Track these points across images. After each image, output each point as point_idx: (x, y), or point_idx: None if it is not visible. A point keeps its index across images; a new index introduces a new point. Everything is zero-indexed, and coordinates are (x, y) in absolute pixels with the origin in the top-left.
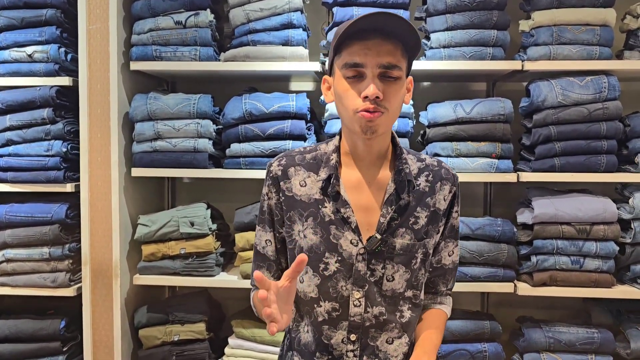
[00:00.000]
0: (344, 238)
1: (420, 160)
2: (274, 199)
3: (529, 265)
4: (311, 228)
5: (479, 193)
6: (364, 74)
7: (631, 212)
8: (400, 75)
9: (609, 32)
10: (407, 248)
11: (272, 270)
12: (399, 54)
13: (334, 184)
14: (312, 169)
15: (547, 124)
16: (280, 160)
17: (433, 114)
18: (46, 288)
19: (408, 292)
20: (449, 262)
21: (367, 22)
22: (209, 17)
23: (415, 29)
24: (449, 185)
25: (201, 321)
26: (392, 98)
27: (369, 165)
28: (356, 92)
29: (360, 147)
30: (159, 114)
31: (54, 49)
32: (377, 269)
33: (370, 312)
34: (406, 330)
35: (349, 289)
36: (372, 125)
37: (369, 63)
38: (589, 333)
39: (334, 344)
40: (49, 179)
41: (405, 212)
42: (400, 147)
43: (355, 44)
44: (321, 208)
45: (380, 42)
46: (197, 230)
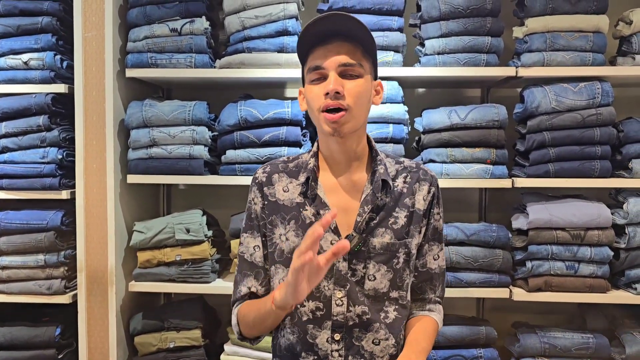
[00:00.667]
0: (324, 239)
1: (398, 163)
2: (260, 204)
3: (524, 271)
4: (293, 230)
5: (474, 199)
6: (327, 75)
7: (625, 217)
8: (361, 73)
9: (602, 38)
10: (388, 247)
11: (259, 279)
12: (359, 54)
13: (313, 187)
14: (293, 175)
15: (541, 129)
16: (265, 168)
17: (428, 120)
18: (41, 295)
19: (393, 292)
20: (434, 266)
21: (326, 25)
22: (204, 25)
23: (368, 29)
24: (427, 186)
25: (197, 328)
26: (354, 94)
27: (345, 168)
28: (319, 91)
29: (334, 149)
30: (154, 121)
31: (49, 56)
32: (359, 268)
33: (353, 311)
34: (392, 332)
35: (331, 288)
36: (337, 126)
37: (329, 65)
38: (584, 338)
39: (319, 343)
40: (44, 186)
41: (383, 212)
42: (375, 149)
43: (318, 49)
44: (302, 211)
45: (339, 43)
46: (192, 237)
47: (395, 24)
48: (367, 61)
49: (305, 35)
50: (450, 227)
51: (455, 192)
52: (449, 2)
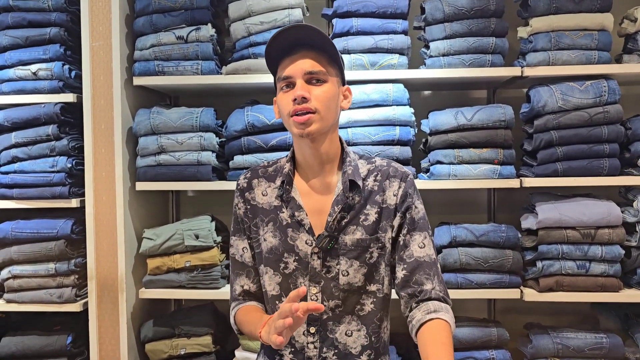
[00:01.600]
0: (299, 239)
1: (370, 163)
2: (242, 208)
3: (535, 271)
4: (271, 232)
5: (483, 199)
6: (295, 83)
7: (636, 215)
8: (326, 78)
9: (607, 36)
10: (359, 243)
11: (251, 277)
12: (324, 61)
13: (288, 190)
14: (271, 179)
15: (548, 129)
16: (246, 174)
17: (434, 122)
18: (52, 304)
19: (370, 286)
20: (422, 254)
21: (290, 37)
22: (210, 32)
23: (328, 38)
24: (397, 182)
25: (207, 334)
26: (320, 98)
27: (319, 171)
28: (288, 98)
29: (307, 153)
30: (162, 128)
31: (58, 66)
32: (332, 265)
33: (327, 305)
34: (364, 323)
35: (307, 285)
36: (304, 128)
37: (295, 73)
38: (598, 338)
39: (296, 336)
40: (54, 194)
41: (354, 211)
42: (346, 151)
43: (285, 60)
44: (279, 213)
45: (304, 53)
46: (201, 243)
47: (399, 26)
48: (332, 68)
49: (272, 47)
50: (460, 229)
51: (464, 193)
52: (452, 4)
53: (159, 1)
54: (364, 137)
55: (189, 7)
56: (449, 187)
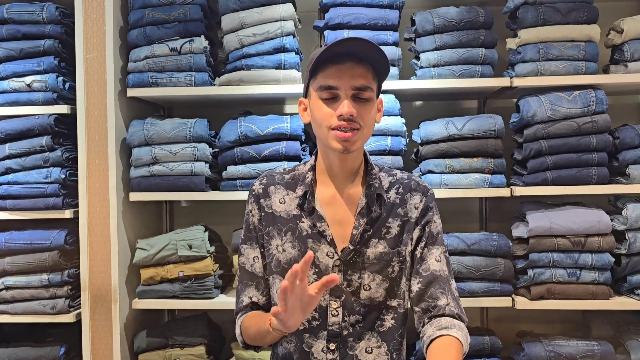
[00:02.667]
0: (320, 251)
1: (391, 176)
2: (257, 215)
3: (526, 279)
4: (290, 242)
5: (474, 208)
6: (338, 95)
7: (625, 223)
8: (371, 96)
9: (594, 47)
10: (381, 257)
11: (260, 288)
12: (370, 76)
13: (310, 200)
14: (290, 187)
15: (538, 138)
16: (261, 180)
17: (425, 132)
18: (45, 315)
19: (392, 301)
20: (438, 268)
21: (341, 47)
22: (203, 44)
23: (384, 54)
24: (419, 195)
25: (201, 344)
26: (365, 116)
27: (342, 182)
28: (331, 111)
29: (335, 164)
30: (155, 139)
31: (52, 78)
32: (354, 279)
33: (348, 320)
34: (385, 340)
35: (327, 299)
36: (348, 145)
37: (342, 86)
38: (589, 345)
39: (315, 352)
40: (47, 205)
41: (377, 224)
42: (371, 164)
43: (330, 67)
44: (299, 223)
45: (352, 65)
46: (195, 253)
47: (390, 38)
48: (375, 82)
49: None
50: (451, 237)
51: (455, 202)
52: (442, 16)
53: (152, 14)
54: None
55: (183, 20)
56: (440, 196)
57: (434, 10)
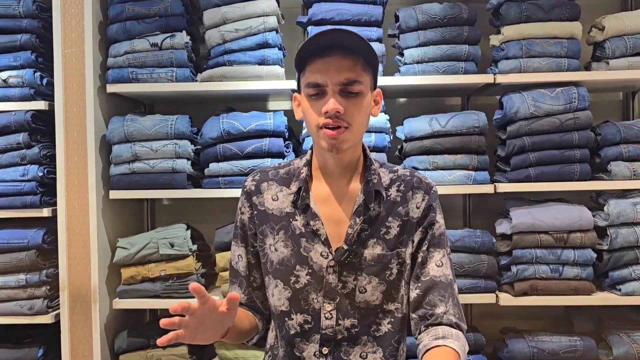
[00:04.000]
0: (314, 250)
1: (392, 172)
2: (247, 213)
3: (510, 275)
4: (282, 241)
5: (458, 205)
6: (325, 91)
7: (606, 219)
8: (361, 89)
9: (576, 44)
10: (379, 259)
11: (243, 287)
12: (359, 68)
13: (304, 197)
14: (284, 183)
15: (521, 134)
16: (254, 176)
17: (409, 129)
18: (23, 316)
19: (389, 305)
20: (438, 273)
21: (327, 38)
22: (185, 39)
23: (370, 45)
24: (421, 194)
25: (183, 344)
26: (354, 112)
27: (339, 178)
28: (318, 108)
29: (330, 161)
30: (136, 136)
31: (29, 73)
32: (349, 280)
33: (342, 324)
34: (380, 345)
35: (320, 301)
36: (336, 143)
37: (329, 81)
38: (572, 341)
39: (306, 356)
40: (25, 204)
41: (375, 223)
42: (370, 159)
43: (317, 61)
44: (292, 221)
45: (340, 58)
46: (177, 252)
47: (374, 34)
48: (367, 74)
49: (306, 50)
50: None
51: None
52: (426, 12)
53: (132, 8)
54: None
55: (164, 15)
56: None
57: (417, 7)
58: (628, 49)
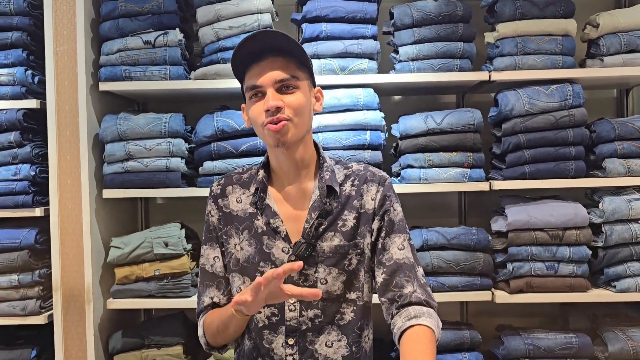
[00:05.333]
0: (275, 247)
1: (347, 168)
2: (215, 216)
3: (505, 273)
4: (247, 240)
5: (454, 203)
6: (264, 91)
7: (601, 216)
8: (297, 84)
9: (570, 41)
10: (337, 250)
11: (221, 288)
12: (292, 66)
13: (262, 197)
14: (246, 186)
15: (516, 132)
16: (220, 181)
17: (404, 126)
18: (16, 316)
19: (350, 294)
20: (401, 256)
21: (258, 44)
22: (178, 36)
23: (296, 42)
24: (375, 186)
25: (178, 344)
26: (293, 104)
27: (295, 177)
28: (260, 108)
29: (282, 159)
30: (129, 134)
31: (20, 71)
32: (310, 273)
33: (306, 315)
34: (345, 333)
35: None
36: (280, 137)
37: (265, 82)
38: (567, 338)
39: (274, 347)
40: (17, 203)
41: (332, 217)
42: (323, 156)
43: (253, 67)
44: (254, 221)
45: (272, 59)
46: (171, 251)
47: (368, 31)
48: (302, 72)
49: (238, 55)
50: (431, 232)
51: (435, 196)
52: (420, 9)
53: (125, 5)
54: (334, 141)
55: (157, 12)
56: (420, 190)
57: (412, 4)
58: (622, 46)
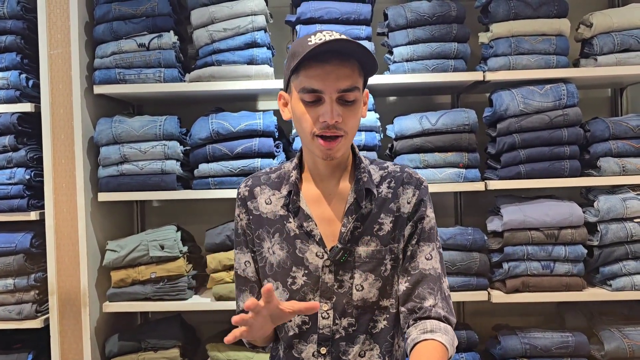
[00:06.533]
0: (309, 251)
1: (382, 169)
2: (245, 219)
3: (501, 273)
4: (278, 244)
5: (450, 203)
6: (322, 98)
7: (596, 215)
8: (357, 97)
9: (564, 41)
10: (373, 255)
11: (255, 292)
12: (356, 75)
13: (295, 200)
14: (276, 187)
15: (511, 132)
16: (247, 182)
17: (399, 127)
18: (11, 321)
19: (384, 301)
20: (428, 266)
21: (326, 46)
22: (173, 39)
23: (371, 52)
24: (411, 189)
25: (175, 347)
26: (350, 121)
27: (329, 179)
28: (314, 115)
29: (320, 164)
30: (124, 137)
31: (14, 75)
32: (345, 279)
33: (339, 323)
34: (377, 342)
35: (317, 301)
36: (331, 153)
37: (327, 89)
38: (564, 337)
39: (305, 357)
40: (12, 207)
41: (368, 220)
42: (359, 157)
43: (314, 66)
44: (286, 224)
45: (338, 65)
46: (167, 254)
47: (363, 32)
48: (361, 78)
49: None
50: None
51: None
52: (414, 10)
53: (119, 8)
54: None
55: (151, 14)
56: None
57: (406, 5)
58: (616, 45)
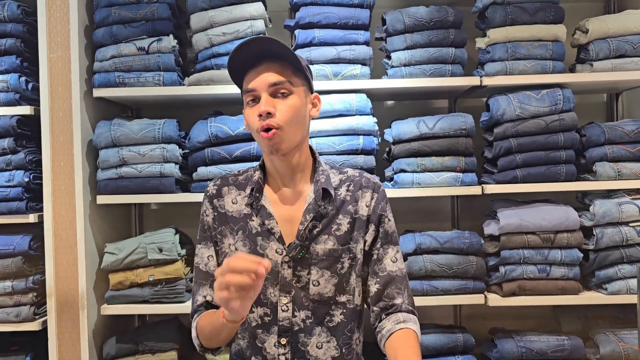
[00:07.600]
0: (269, 248)
1: (342, 173)
2: (210, 215)
3: (498, 276)
4: (241, 240)
5: (446, 207)
6: (259, 97)
7: (592, 219)
8: (290, 89)
9: (560, 46)
10: (330, 253)
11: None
12: (288, 72)
13: (258, 198)
14: (242, 187)
15: (507, 136)
16: (216, 182)
17: (397, 131)
18: (9, 323)
19: (341, 297)
20: (395, 268)
21: (250, 49)
22: (172, 43)
23: (289, 48)
24: (369, 192)
25: (173, 349)
26: (285, 113)
27: (290, 180)
28: (255, 113)
29: (277, 164)
30: (123, 140)
31: (14, 78)
32: (303, 274)
33: (298, 316)
34: (334, 335)
35: (277, 294)
36: (273, 144)
37: (260, 85)
38: (560, 340)
39: (267, 347)
40: (10, 210)
41: (326, 220)
42: (318, 161)
43: (250, 72)
44: (249, 222)
45: (268, 65)
46: (165, 256)
47: (361, 37)
48: (298, 78)
49: (235, 60)
50: (424, 236)
51: (428, 201)
52: (412, 15)
53: (119, 12)
54: (328, 146)
55: (150, 18)
56: (413, 195)
57: (404, 10)
58: (611, 51)
